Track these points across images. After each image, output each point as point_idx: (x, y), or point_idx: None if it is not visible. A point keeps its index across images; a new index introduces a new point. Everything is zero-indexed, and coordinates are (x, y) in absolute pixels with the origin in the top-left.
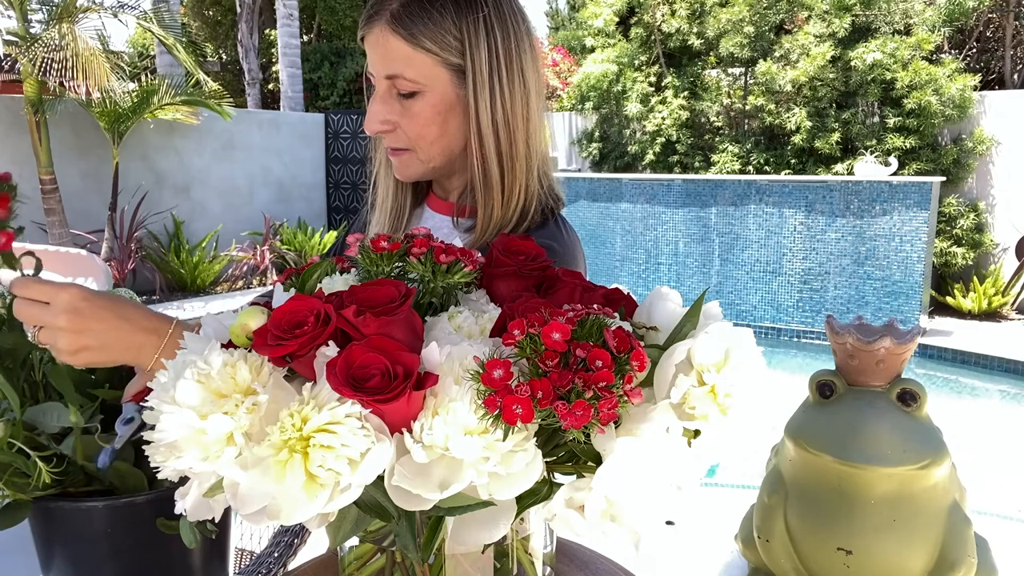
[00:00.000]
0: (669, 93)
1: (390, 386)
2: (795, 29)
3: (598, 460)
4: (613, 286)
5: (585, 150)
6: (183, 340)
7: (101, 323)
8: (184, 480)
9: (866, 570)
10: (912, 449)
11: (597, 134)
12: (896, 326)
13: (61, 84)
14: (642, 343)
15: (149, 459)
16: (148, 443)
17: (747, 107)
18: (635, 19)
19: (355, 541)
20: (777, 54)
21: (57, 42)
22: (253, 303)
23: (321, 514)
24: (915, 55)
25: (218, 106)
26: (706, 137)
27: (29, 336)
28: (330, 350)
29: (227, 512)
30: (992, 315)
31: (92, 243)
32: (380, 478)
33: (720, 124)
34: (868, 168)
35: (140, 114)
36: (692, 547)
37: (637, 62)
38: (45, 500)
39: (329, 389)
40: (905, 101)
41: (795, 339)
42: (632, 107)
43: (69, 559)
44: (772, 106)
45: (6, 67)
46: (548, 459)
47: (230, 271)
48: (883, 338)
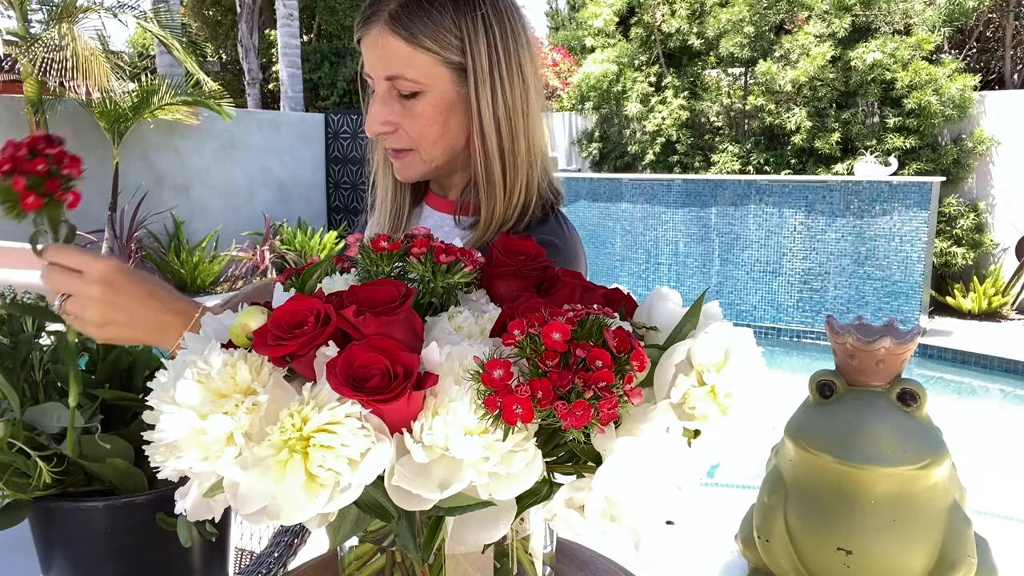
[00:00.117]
0: (669, 93)
1: (390, 386)
2: (795, 29)
3: (598, 460)
4: (613, 286)
5: (585, 150)
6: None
7: (132, 299)
8: (184, 480)
9: (866, 570)
10: (912, 449)
11: (597, 134)
12: (896, 326)
13: (61, 84)
14: (642, 343)
15: (149, 459)
16: (148, 443)
17: (747, 107)
18: (635, 19)
19: (355, 541)
20: (777, 54)
21: (57, 42)
22: (233, 299)
23: (321, 514)
24: (915, 55)
25: (218, 106)
26: (706, 137)
27: (55, 306)
28: (330, 350)
29: (227, 512)
30: (992, 315)
31: (92, 243)
32: (380, 478)
33: (720, 124)
34: (868, 168)
35: (140, 114)
36: (692, 547)
37: (637, 62)
38: (45, 500)
39: (329, 389)
40: (905, 101)
41: (795, 339)
42: (632, 107)
43: (69, 559)
44: (772, 106)
45: (6, 67)
46: (548, 459)
47: (230, 271)
48: (883, 338)
